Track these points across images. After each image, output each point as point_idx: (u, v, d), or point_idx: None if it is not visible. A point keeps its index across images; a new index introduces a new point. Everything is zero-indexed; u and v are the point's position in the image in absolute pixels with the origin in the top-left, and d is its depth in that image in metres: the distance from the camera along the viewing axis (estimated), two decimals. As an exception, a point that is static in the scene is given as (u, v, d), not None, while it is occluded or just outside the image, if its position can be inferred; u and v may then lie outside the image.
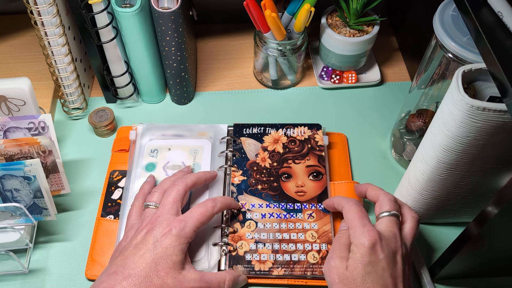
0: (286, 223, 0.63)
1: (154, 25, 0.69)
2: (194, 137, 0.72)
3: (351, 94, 0.81)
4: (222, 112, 0.79)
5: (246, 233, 0.62)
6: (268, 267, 0.60)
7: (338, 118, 0.78)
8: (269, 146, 0.70)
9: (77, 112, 0.77)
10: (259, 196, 0.66)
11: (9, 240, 0.60)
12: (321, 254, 0.60)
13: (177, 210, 0.57)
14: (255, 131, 0.72)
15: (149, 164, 0.69)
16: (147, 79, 0.76)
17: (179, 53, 0.71)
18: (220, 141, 0.71)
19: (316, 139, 0.71)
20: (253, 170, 0.68)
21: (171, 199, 0.58)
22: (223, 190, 0.67)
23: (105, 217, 0.65)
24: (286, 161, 0.69)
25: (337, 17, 0.77)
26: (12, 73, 0.82)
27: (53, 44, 0.67)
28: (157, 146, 0.71)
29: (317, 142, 0.70)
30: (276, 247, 0.61)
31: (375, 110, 0.79)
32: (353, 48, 0.75)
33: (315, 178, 0.67)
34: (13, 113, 0.66)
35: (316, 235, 0.62)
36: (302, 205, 0.65)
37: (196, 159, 0.70)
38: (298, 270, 0.59)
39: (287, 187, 0.67)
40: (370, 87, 0.82)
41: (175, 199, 0.58)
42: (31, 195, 0.59)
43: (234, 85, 0.82)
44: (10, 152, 0.60)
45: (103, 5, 0.65)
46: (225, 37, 0.89)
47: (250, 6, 0.68)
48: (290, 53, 0.75)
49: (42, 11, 0.63)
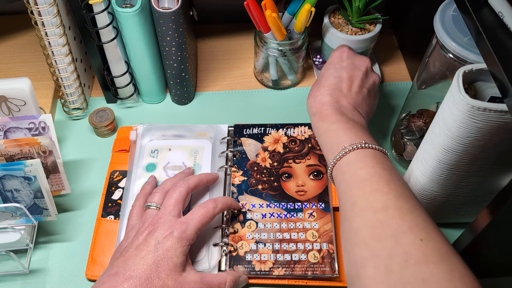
0: (287, 223, 0.63)
1: (154, 25, 0.69)
2: (195, 138, 0.72)
3: (352, 94, 0.81)
4: (222, 112, 0.79)
5: (246, 233, 0.62)
6: (269, 267, 0.60)
7: (338, 118, 0.78)
8: (270, 146, 0.70)
9: (77, 112, 0.77)
10: (259, 196, 0.66)
11: (9, 241, 0.60)
12: (322, 253, 0.60)
13: (178, 212, 0.57)
14: (256, 131, 0.72)
15: (150, 164, 0.69)
16: (148, 79, 0.76)
17: (180, 53, 0.71)
18: (221, 142, 0.71)
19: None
20: (254, 170, 0.68)
21: (173, 201, 0.58)
22: (223, 191, 0.67)
23: (105, 218, 0.65)
24: (287, 160, 0.69)
25: (339, 15, 0.77)
26: (12, 73, 0.82)
27: (53, 44, 0.67)
28: (158, 146, 0.71)
29: (317, 141, 0.70)
30: (276, 247, 0.61)
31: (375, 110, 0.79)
32: (355, 46, 0.75)
33: (315, 177, 0.67)
34: (13, 113, 0.66)
35: (317, 234, 0.62)
36: (302, 205, 0.65)
37: (197, 159, 0.70)
38: (298, 270, 0.59)
39: (287, 187, 0.67)
40: (371, 87, 0.82)
41: (177, 200, 0.58)
42: (31, 195, 0.59)
43: (234, 85, 0.82)
44: (10, 152, 0.60)
45: (103, 5, 0.65)
46: (225, 37, 0.89)
47: (250, 6, 0.68)
48: (291, 53, 0.75)
49: (43, 11, 0.63)
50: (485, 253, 0.54)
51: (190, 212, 0.57)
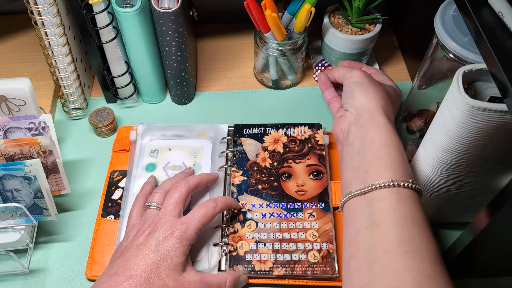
0: (287, 223, 0.63)
1: (154, 25, 0.69)
2: (195, 138, 0.72)
3: (352, 94, 0.81)
4: (222, 112, 0.79)
5: (246, 233, 0.62)
6: (269, 267, 0.60)
7: (338, 118, 0.78)
8: (270, 146, 0.70)
9: (77, 112, 0.77)
10: (259, 196, 0.66)
11: (9, 240, 0.60)
12: (322, 253, 0.60)
13: (179, 212, 0.57)
14: (255, 131, 0.72)
15: (150, 164, 0.69)
16: (147, 79, 0.76)
17: (180, 53, 0.71)
18: (221, 141, 0.71)
19: (317, 138, 0.71)
20: (254, 170, 0.68)
21: (174, 201, 0.58)
22: (223, 190, 0.67)
23: (105, 217, 0.65)
24: (287, 160, 0.69)
25: (339, 15, 0.77)
26: (12, 73, 0.82)
27: (53, 44, 0.67)
28: (158, 146, 0.71)
29: (317, 141, 0.70)
30: (276, 247, 0.61)
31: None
32: (355, 46, 0.75)
33: (315, 177, 0.67)
34: (13, 113, 0.66)
35: (317, 234, 0.62)
36: (302, 205, 0.65)
37: (197, 159, 0.70)
38: (298, 270, 0.59)
39: (287, 187, 0.67)
40: (371, 87, 0.82)
41: (178, 200, 0.58)
42: (31, 195, 0.59)
43: (234, 85, 0.82)
44: (10, 152, 0.60)
45: (103, 5, 0.65)
46: (225, 37, 0.89)
47: (250, 6, 0.68)
48: (291, 53, 0.75)
49: (43, 11, 0.63)
50: (485, 253, 0.54)
51: (190, 212, 0.57)
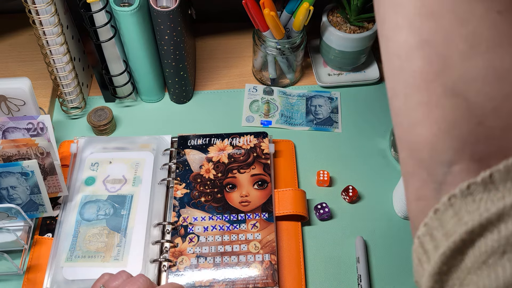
0: (229, 235, 0.62)
1: (152, 24, 0.69)
2: (137, 150, 0.70)
3: (350, 92, 0.81)
4: (221, 112, 0.79)
5: (187, 247, 0.61)
6: (209, 282, 0.59)
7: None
8: (214, 157, 0.69)
9: (75, 111, 0.77)
10: (202, 209, 0.65)
11: (4, 241, 0.60)
12: (264, 265, 0.60)
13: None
14: (200, 142, 0.71)
15: (89, 178, 0.68)
16: (146, 78, 0.75)
17: (178, 52, 0.70)
18: (163, 153, 0.70)
19: (262, 147, 0.70)
20: (197, 182, 0.67)
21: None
22: (164, 204, 0.66)
23: (43, 236, 0.64)
24: (231, 171, 0.68)
25: (338, 13, 0.77)
26: (11, 72, 0.82)
27: (51, 43, 0.67)
28: (98, 159, 0.69)
29: (263, 150, 0.69)
30: (218, 261, 0.60)
31: (374, 109, 0.79)
32: (354, 44, 0.75)
33: (260, 186, 0.67)
34: (13, 113, 0.66)
35: (259, 245, 0.61)
36: (246, 216, 0.64)
37: (137, 172, 0.68)
38: (240, 283, 0.59)
39: (231, 198, 0.66)
40: (369, 85, 0.82)
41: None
42: (27, 191, 0.58)
43: (233, 84, 0.82)
44: (8, 153, 0.59)
45: (101, 4, 0.65)
46: (224, 36, 0.89)
47: (249, 5, 0.68)
48: (289, 51, 0.75)
49: (40, 10, 0.63)
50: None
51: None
